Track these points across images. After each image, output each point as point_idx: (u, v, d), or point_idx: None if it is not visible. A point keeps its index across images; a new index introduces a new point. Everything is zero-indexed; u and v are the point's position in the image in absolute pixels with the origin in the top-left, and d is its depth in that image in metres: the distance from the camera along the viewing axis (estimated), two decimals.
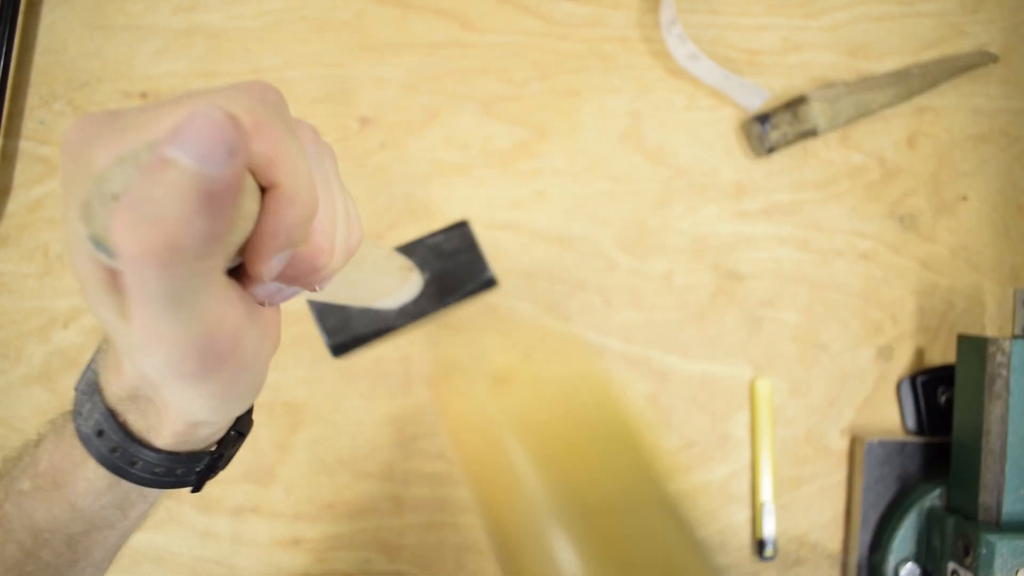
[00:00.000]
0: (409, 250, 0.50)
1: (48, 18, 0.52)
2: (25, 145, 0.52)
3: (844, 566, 0.53)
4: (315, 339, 0.52)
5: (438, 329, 0.52)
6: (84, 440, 0.24)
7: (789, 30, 0.54)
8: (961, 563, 0.45)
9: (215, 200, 0.15)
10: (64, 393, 0.51)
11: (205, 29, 0.52)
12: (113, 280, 0.18)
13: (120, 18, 0.52)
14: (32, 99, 0.52)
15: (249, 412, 0.27)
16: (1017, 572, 0.42)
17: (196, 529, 0.51)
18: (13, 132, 0.52)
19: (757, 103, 0.52)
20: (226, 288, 0.19)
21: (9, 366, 0.51)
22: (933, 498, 0.49)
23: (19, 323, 0.51)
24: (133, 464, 0.24)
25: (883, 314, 0.54)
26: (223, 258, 0.18)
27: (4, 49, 0.50)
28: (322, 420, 0.52)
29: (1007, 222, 0.54)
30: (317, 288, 0.23)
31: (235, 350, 0.19)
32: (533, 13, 0.53)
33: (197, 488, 0.26)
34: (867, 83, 0.52)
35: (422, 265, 0.49)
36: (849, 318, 0.54)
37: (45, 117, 0.52)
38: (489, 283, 0.51)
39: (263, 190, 0.19)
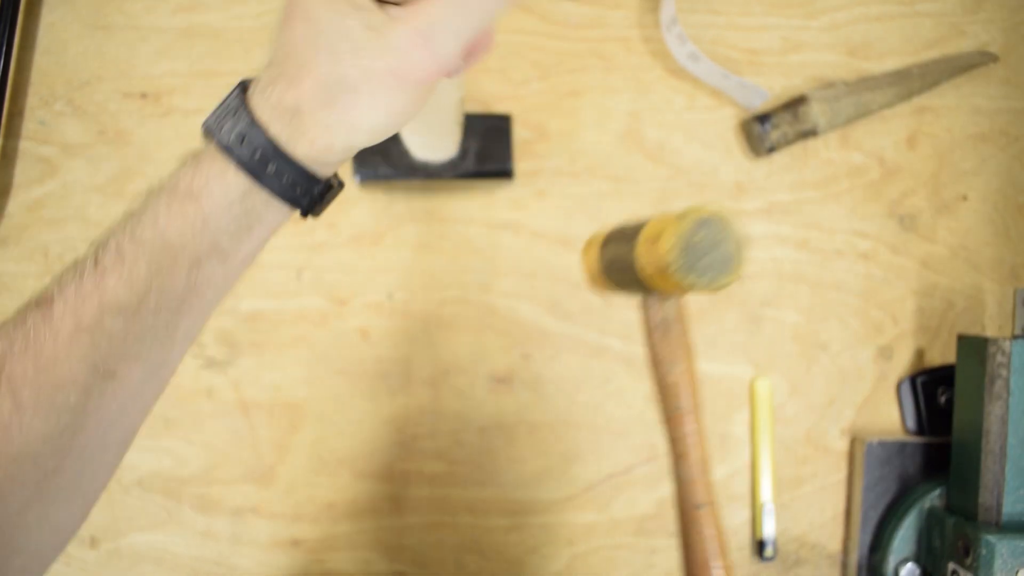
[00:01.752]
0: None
1: (48, 18, 0.52)
2: (25, 145, 0.52)
3: (844, 566, 0.53)
4: (315, 339, 0.52)
5: (438, 327, 0.52)
6: (225, 148, 0.26)
7: (789, 30, 0.54)
8: (961, 563, 0.45)
9: None
10: None
11: (205, 29, 0.52)
12: (371, 2, 0.25)
13: (120, 18, 0.52)
14: (32, 99, 0.52)
15: (341, 181, 0.31)
16: (1017, 572, 0.42)
17: (196, 529, 0.51)
18: (13, 132, 0.52)
19: (757, 103, 0.52)
20: None
21: None
22: (933, 498, 0.49)
23: None
24: (266, 168, 0.26)
25: (883, 314, 0.54)
26: None
27: (4, 49, 0.50)
28: (322, 420, 0.52)
29: (1007, 222, 0.54)
30: (455, 74, 0.28)
31: (435, 82, 0.26)
32: (533, 13, 0.53)
33: (306, 212, 0.29)
34: (867, 83, 0.52)
35: (464, 135, 0.51)
36: (849, 318, 0.54)
37: (45, 117, 0.52)
38: (506, 173, 0.52)
39: None
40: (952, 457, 0.49)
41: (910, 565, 0.49)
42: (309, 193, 0.28)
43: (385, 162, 0.51)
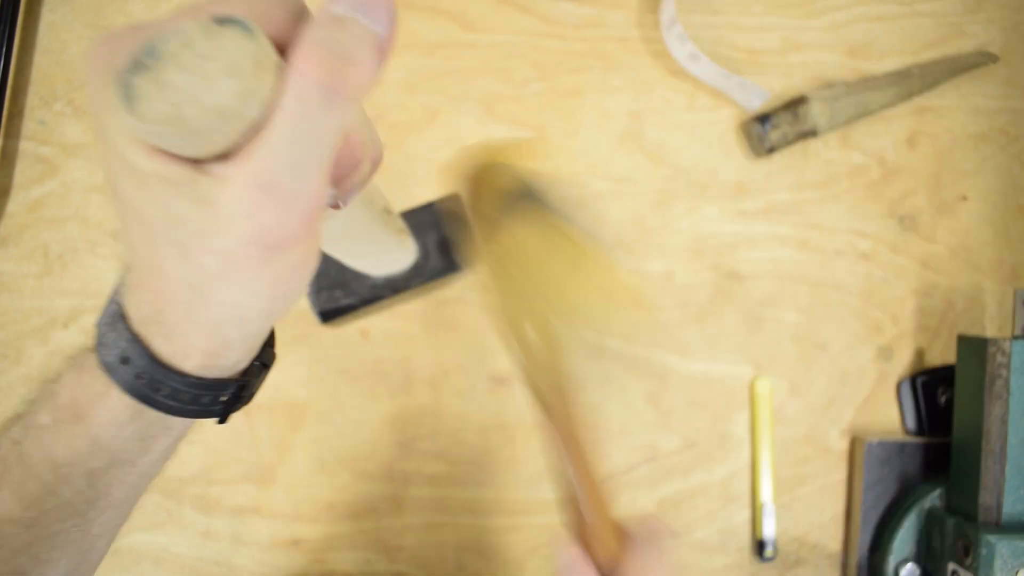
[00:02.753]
0: (406, 216, 0.49)
1: (48, 18, 0.52)
2: (25, 145, 0.52)
3: (844, 566, 0.53)
4: (315, 339, 0.52)
5: (438, 327, 0.52)
6: (108, 369, 0.23)
7: (789, 30, 0.54)
8: (961, 564, 0.45)
9: (383, 55, 0.19)
10: None
11: None
12: (187, 163, 0.19)
13: (120, 18, 0.52)
14: (32, 99, 0.52)
15: (271, 344, 0.28)
16: (1017, 573, 0.42)
17: (196, 529, 0.51)
18: (13, 132, 0.52)
19: (757, 103, 0.52)
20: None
21: (9, 366, 0.51)
22: (933, 498, 0.49)
23: (19, 323, 0.51)
24: (158, 390, 0.23)
25: (883, 314, 0.54)
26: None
27: (4, 49, 0.50)
28: (322, 420, 0.52)
29: (1007, 222, 0.54)
30: (342, 204, 0.24)
31: (316, 228, 0.21)
32: (533, 13, 0.53)
33: (223, 419, 0.26)
34: (867, 83, 0.52)
35: (417, 235, 0.49)
36: (849, 318, 0.54)
37: (45, 117, 0.52)
38: (455, 269, 0.50)
39: None
40: (952, 457, 0.49)
41: (910, 565, 0.49)
42: (219, 399, 0.25)
43: (345, 293, 0.48)
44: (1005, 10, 0.55)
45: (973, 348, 0.47)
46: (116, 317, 0.23)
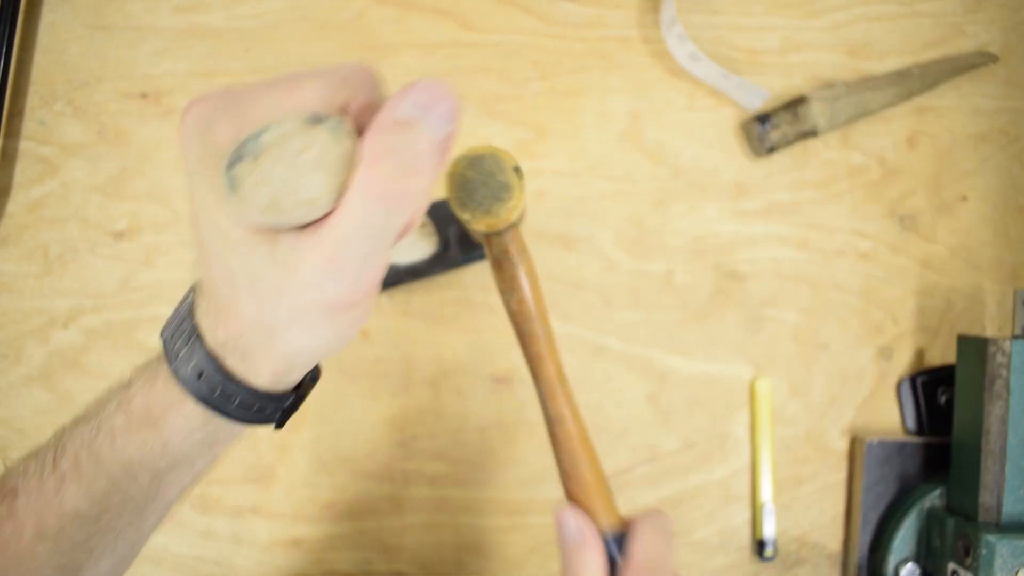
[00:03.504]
0: (428, 209, 0.50)
1: (48, 18, 0.52)
2: (25, 145, 0.52)
3: (844, 566, 0.53)
4: None
5: (438, 327, 0.52)
6: (183, 382, 0.25)
7: (789, 30, 0.54)
8: (961, 563, 0.45)
9: (445, 153, 0.22)
10: (64, 393, 0.51)
11: (205, 29, 0.52)
12: (268, 234, 0.22)
13: (120, 18, 0.52)
14: (32, 99, 0.52)
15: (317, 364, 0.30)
16: (1017, 572, 0.42)
17: (196, 529, 0.51)
18: (13, 132, 0.52)
19: (757, 103, 0.52)
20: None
21: (9, 366, 0.51)
22: (933, 498, 0.49)
23: (19, 323, 0.51)
24: (230, 402, 0.26)
25: (883, 314, 0.54)
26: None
27: (4, 49, 0.50)
28: (322, 420, 0.52)
29: (1007, 222, 0.54)
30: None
31: (375, 291, 0.24)
32: (533, 13, 0.53)
33: (280, 424, 0.29)
34: (867, 83, 0.52)
35: (438, 225, 0.50)
36: (849, 318, 0.54)
37: (45, 117, 0.52)
38: (481, 257, 0.51)
39: None
40: (952, 457, 0.49)
41: (910, 565, 0.49)
42: (280, 409, 0.28)
43: None
44: (1005, 10, 0.55)
45: (973, 348, 0.47)
46: (191, 335, 0.25)
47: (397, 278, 0.50)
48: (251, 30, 0.52)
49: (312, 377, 0.29)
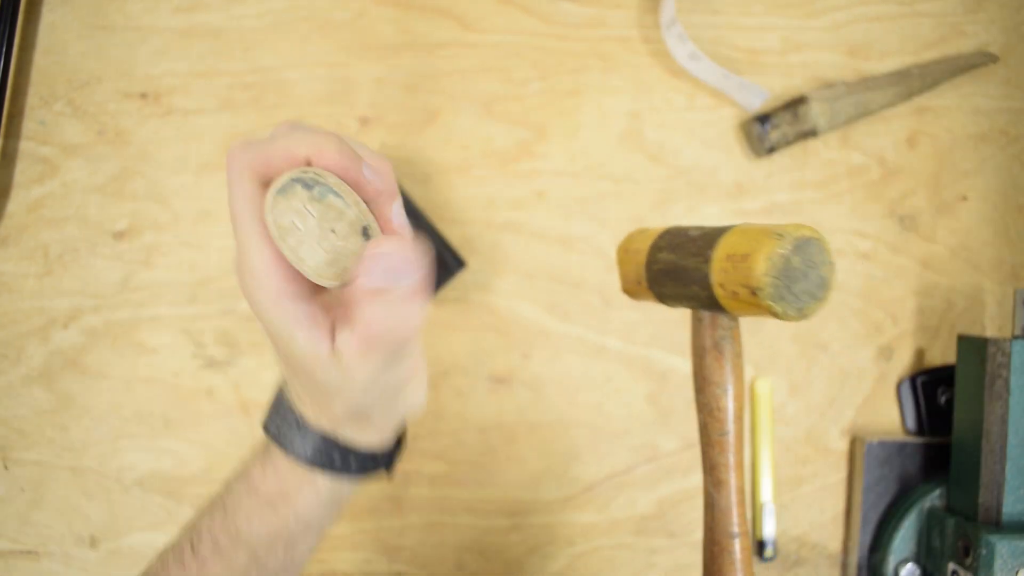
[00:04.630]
0: None
1: (48, 18, 0.52)
2: (25, 145, 0.52)
3: (844, 566, 0.53)
4: None
5: (438, 327, 0.52)
6: (307, 462, 0.30)
7: (789, 30, 0.54)
8: (961, 563, 0.45)
9: (422, 291, 0.25)
10: (64, 393, 0.51)
11: (205, 29, 0.52)
12: (334, 355, 0.27)
13: (120, 18, 0.52)
14: (32, 99, 0.52)
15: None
16: (1017, 572, 0.42)
17: None
18: (13, 132, 0.52)
19: (757, 103, 0.52)
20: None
21: (9, 366, 0.51)
22: (933, 498, 0.49)
23: (19, 323, 0.51)
24: (349, 467, 0.30)
25: (883, 314, 0.54)
26: None
27: (4, 49, 0.50)
28: None
29: (1007, 222, 0.54)
30: None
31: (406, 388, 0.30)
32: (533, 13, 0.53)
33: (390, 469, 0.33)
34: (867, 83, 0.52)
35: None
36: (849, 318, 0.54)
37: (45, 117, 0.52)
38: (459, 265, 0.50)
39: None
40: (952, 457, 0.49)
41: (910, 565, 0.49)
42: (389, 459, 0.32)
43: None
44: (1005, 10, 0.55)
45: (973, 348, 0.47)
46: (295, 423, 0.30)
47: None
48: (251, 30, 0.52)
49: (404, 426, 0.34)
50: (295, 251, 0.25)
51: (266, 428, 0.31)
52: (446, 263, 0.50)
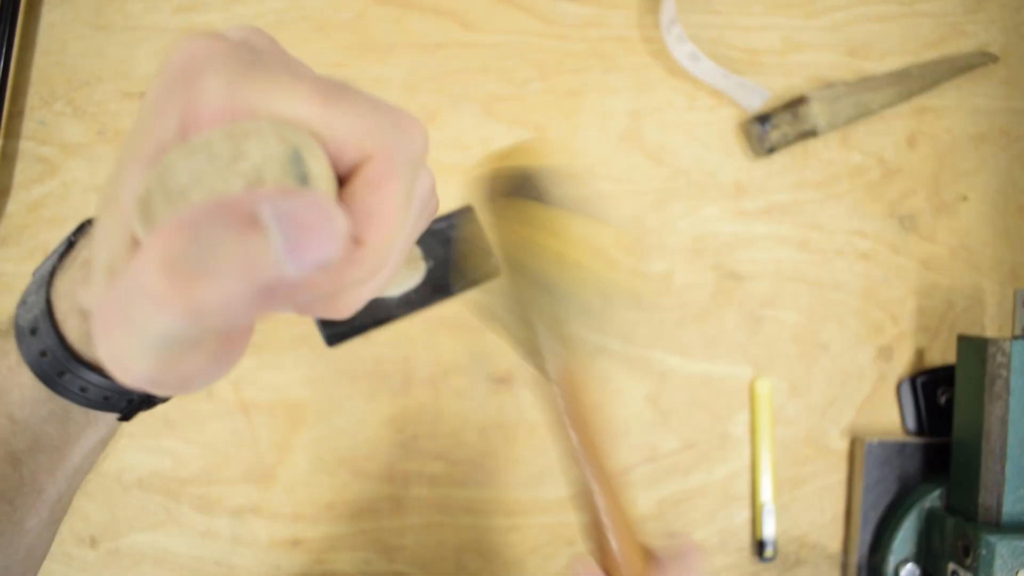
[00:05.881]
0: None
1: (48, 18, 0.52)
2: (25, 145, 0.52)
3: (844, 567, 0.53)
4: (315, 339, 0.52)
5: (438, 327, 0.52)
6: (18, 334, 0.22)
7: (789, 30, 0.54)
8: (961, 564, 0.45)
9: (272, 296, 0.14)
10: None
11: (205, 29, 0.52)
12: (132, 247, 0.16)
13: (120, 18, 0.52)
14: (32, 99, 0.52)
15: None
16: (1017, 572, 0.42)
17: (196, 529, 0.51)
18: (13, 132, 0.52)
19: (757, 103, 0.52)
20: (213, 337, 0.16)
21: None
22: (933, 498, 0.49)
23: None
24: (61, 375, 0.22)
25: (883, 314, 0.54)
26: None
27: (4, 49, 0.50)
28: (322, 420, 0.52)
29: (1007, 222, 0.54)
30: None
31: (184, 384, 0.16)
32: (533, 13, 0.53)
33: (126, 417, 0.24)
34: (867, 83, 0.52)
35: (425, 252, 0.48)
36: (849, 318, 0.54)
37: (45, 117, 0.52)
38: (495, 271, 0.49)
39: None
40: (952, 457, 0.49)
41: (910, 565, 0.49)
42: (125, 402, 0.23)
43: (352, 317, 0.44)
44: (1005, 10, 0.55)
45: (973, 348, 0.47)
46: (45, 278, 0.22)
47: (389, 314, 0.46)
48: None
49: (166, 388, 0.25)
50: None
51: (35, 271, 0.24)
52: (483, 262, 0.49)
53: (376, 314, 0.47)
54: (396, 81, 0.53)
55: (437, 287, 0.48)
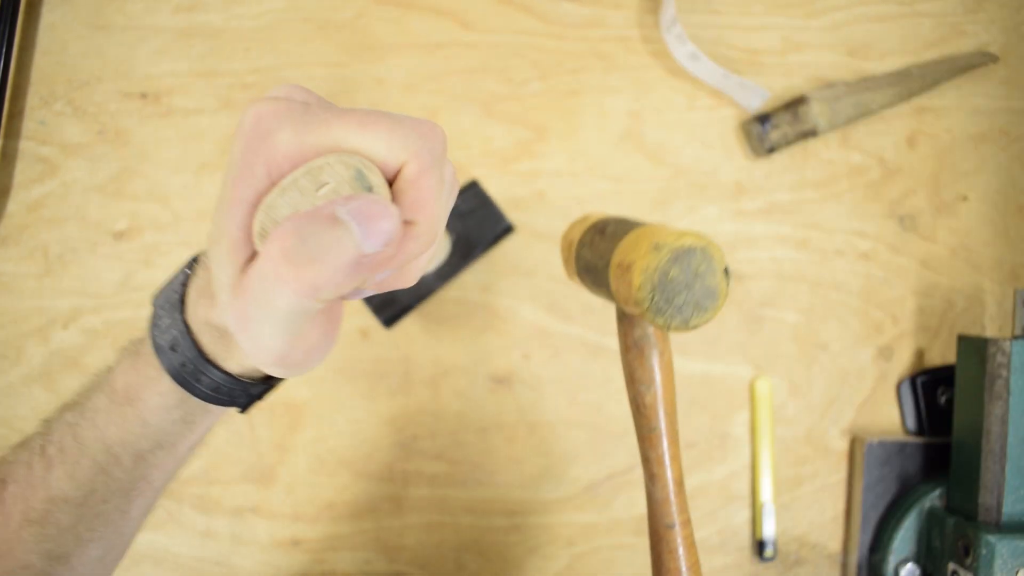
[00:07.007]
0: None
1: (48, 18, 0.52)
2: (25, 145, 0.52)
3: (844, 566, 0.53)
4: None
5: (438, 327, 0.52)
6: (158, 351, 0.26)
7: (789, 30, 0.54)
8: (961, 563, 0.45)
9: (359, 268, 0.20)
10: (64, 393, 0.51)
11: (205, 29, 0.52)
12: (246, 258, 0.21)
13: (120, 18, 0.52)
14: (32, 99, 0.52)
15: None
16: (1017, 572, 0.42)
17: (196, 529, 0.51)
18: (13, 132, 0.52)
19: (757, 103, 0.52)
20: (322, 312, 0.22)
21: (9, 366, 0.51)
22: (933, 498, 0.49)
23: (19, 323, 0.51)
24: (199, 380, 0.26)
25: (883, 314, 0.54)
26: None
27: (4, 49, 0.50)
28: (322, 420, 0.52)
29: (1007, 222, 0.54)
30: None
31: (306, 359, 0.22)
32: (533, 13, 0.53)
33: (244, 409, 0.29)
34: (867, 83, 0.52)
35: (449, 228, 0.51)
36: (849, 318, 0.54)
37: (45, 117, 0.52)
38: (507, 230, 0.52)
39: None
40: (952, 457, 0.49)
41: (910, 565, 0.49)
42: (247, 396, 0.28)
43: (397, 296, 0.51)
44: (1005, 10, 0.55)
45: (973, 348, 0.47)
46: (176, 304, 0.26)
47: (429, 288, 0.51)
48: (251, 30, 0.52)
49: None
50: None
51: (155, 299, 0.27)
52: (495, 225, 0.52)
53: (419, 291, 0.51)
54: (396, 81, 0.53)
55: (464, 254, 0.52)
